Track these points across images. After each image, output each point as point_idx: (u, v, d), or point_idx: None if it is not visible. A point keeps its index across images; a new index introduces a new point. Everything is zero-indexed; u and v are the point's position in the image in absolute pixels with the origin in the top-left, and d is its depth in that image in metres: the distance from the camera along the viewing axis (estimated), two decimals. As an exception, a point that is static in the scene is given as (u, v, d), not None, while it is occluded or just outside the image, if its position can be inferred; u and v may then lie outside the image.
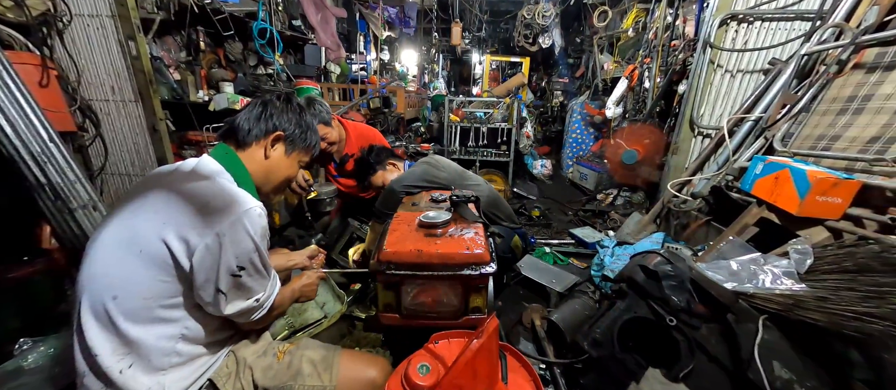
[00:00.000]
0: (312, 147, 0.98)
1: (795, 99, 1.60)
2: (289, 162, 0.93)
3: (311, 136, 0.96)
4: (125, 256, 0.68)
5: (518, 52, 5.98)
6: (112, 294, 0.68)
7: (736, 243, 1.29)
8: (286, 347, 0.88)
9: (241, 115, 0.89)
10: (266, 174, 0.89)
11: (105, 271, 0.69)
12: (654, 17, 3.37)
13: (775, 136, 1.60)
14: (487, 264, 0.89)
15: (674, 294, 1.04)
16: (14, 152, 1.54)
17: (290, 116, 0.91)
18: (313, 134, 0.97)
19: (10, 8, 1.70)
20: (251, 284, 0.76)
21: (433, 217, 1.01)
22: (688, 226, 1.94)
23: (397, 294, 0.90)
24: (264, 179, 0.90)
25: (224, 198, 0.73)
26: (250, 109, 0.90)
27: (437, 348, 0.80)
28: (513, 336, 1.60)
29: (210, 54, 2.93)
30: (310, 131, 0.95)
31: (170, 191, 0.73)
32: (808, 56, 1.65)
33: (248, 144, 0.86)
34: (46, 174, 1.60)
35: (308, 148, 0.96)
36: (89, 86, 2.00)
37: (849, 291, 0.87)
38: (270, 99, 0.92)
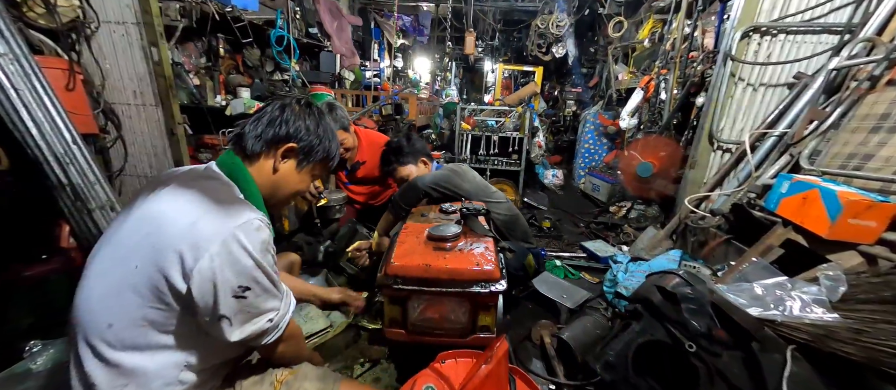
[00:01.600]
0: (331, 159, 0.89)
1: (824, 115, 1.53)
2: (300, 176, 0.86)
3: (329, 146, 0.87)
4: (120, 281, 0.65)
5: (531, 62, 5.97)
6: (107, 322, 0.65)
7: (759, 265, 1.23)
8: (284, 376, 0.83)
9: (251, 121, 0.81)
10: (273, 188, 0.83)
11: (100, 296, 0.66)
12: (671, 28, 3.31)
13: (802, 153, 1.53)
14: (497, 281, 0.86)
15: (693, 318, 0.99)
16: (39, 153, 1.58)
17: (308, 124, 0.82)
18: (332, 143, 0.88)
19: (41, 14, 1.77)
20: (259, 304, 0.70)
21: (442, 230, 0.99)
22: (706, 243, 1.87)
23: (404, 309, 0.88)
24: (271, 193, 0.84)
25: (216, 213, 0.66)
26: (262, 114, 0.82)
27: (444, 368, 0.78)
28: (521, 352, 1.56)
29: (229, 60, 3.00)
30: (328, 140, 0.86)
31: (165, 205, 0.68)
32: (837, 71, 1.58)
33: (257, 155, 0.80)
34: (68, 175, 1.65)
35: (325, 160, 0.88)
36: (113, 90, 2.06)
37: (887, 324, 0.81)
38: (289, 102, 0.84)
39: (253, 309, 0.69)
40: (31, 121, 1.55)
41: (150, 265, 0.63)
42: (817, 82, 1.65)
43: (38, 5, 1.73)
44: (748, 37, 2.00)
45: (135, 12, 1.97)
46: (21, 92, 1.53)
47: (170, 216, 0.66)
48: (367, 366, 1.31)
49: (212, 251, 0.62)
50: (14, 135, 1.54)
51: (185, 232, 0.64)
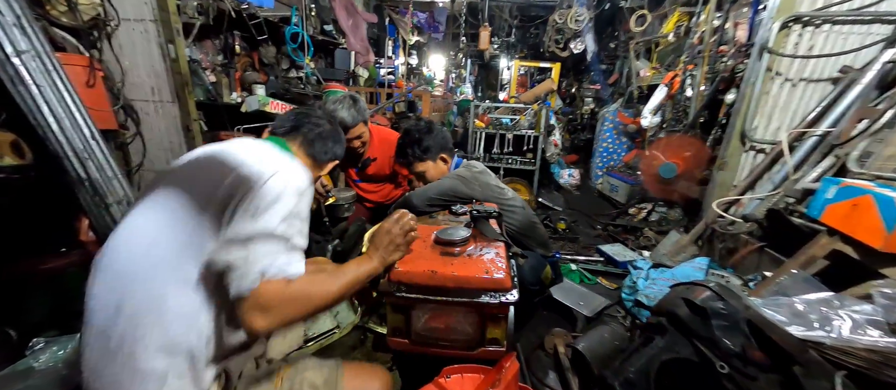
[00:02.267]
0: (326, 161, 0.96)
1: (876, 113, 1.39)
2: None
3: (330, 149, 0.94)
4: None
5: (548, 58, 5.82)
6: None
7: (800, 277, 1.12)
8: (284, 370, 0.81)
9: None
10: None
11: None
12: (699, 21, 3.14)
13: (850, 155, 1.39)
14: (508, 291, 0.80)
15: (725, 336, 0.90)
16: (59, 148, 1.61)
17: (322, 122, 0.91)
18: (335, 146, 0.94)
19: (64, 12, 1.80)
20: (294, 238, 0.69)
21: (451, 233, 0.94)
22: (736, 250, 1.74)
23: (407, 318, 0.83)
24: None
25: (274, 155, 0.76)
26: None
27: (449, 383, 0.72)
28: (533, 361, 1.49)
29: (245, 57, 3.03)
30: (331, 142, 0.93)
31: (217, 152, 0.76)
32: (892, 63, 1.43)
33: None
34: (87, 170, 1.67)
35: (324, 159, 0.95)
36: (132, 86, 2.09)
37: None
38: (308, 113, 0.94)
39: (286, 238, 0.67)
40: (52, 117, 1.58)
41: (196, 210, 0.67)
42: (868, 76, 1.50)
43: (61, 3, 1.77)
44: (788, 27, 1.85)
45: (153, 10, 1.99)
46: (43, 88, 1.56)
47: (229, 154, 0.74)
48: (373, 371, 1.27)
49: (281, 170, 0.70)
50: (36, 131, 1.57)
51: (249, 161, 0.71)
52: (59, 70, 1.61)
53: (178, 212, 0.67)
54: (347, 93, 1.77)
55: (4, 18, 1.48)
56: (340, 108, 1.64)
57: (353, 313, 1.55)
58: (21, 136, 1.62)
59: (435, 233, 0.96)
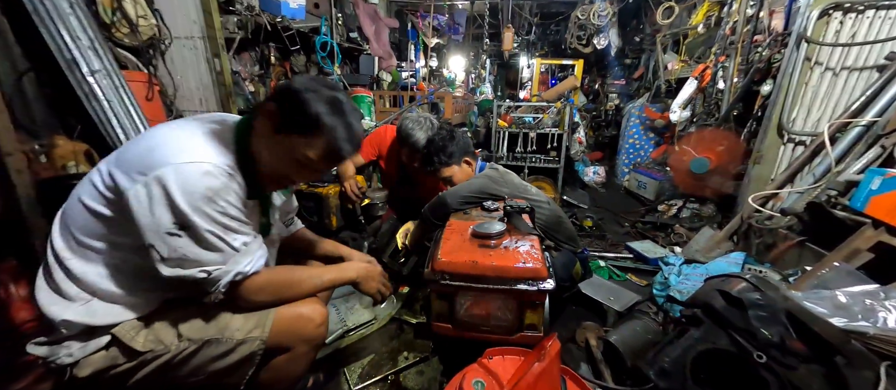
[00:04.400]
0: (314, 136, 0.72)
1: None
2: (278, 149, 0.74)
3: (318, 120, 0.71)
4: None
5: (570, 55, 5.76)
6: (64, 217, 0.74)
7: (843, 270, 1.10)
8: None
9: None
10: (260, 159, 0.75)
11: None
12: (731, 10, 3.04)
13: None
14: (544, 280, 0.85)
15: (763, 326, 0.91)
16: (125, 157, 1.79)
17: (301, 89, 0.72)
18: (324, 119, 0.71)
19: (126, 34, 2.00)
20: (189, 252, 0.66)
21: (487, 227, 0.99)
22: (774, 245, 1.69)
23: (451, 304, 0.89)
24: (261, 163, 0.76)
25: (175, 147, 0.66)
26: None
27: (491, 364, 0.78)
28: (564, 353, 1.51)
29: (278, 67, 3.21)
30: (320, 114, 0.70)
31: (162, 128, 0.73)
32: None
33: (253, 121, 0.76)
34: (148, 176, 1.84)
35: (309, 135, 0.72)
36: (182, 98, 2.28)
37: None
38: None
39: (182, 254, 0.66)
40: (120, 129, 1.76)
41: (97, 173, 0.70)
42: None
43: (124, 25, 1.96)
44: (828, 15, 1.78)
45: (201, 27, 2.17)
46: (112, 103, 1.74)
47: (150, 136, 0.71)
48: (412, 360, 1.34)
49: (148, 179, 0.63)
50: (106, 141, 1.76)
51: (144, 153, 0.66)
52: (125, 86, 1.79)
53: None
54: (428, 116, 1.82)
55: (81, 42, 1.66)
56: (418, 129, 1.72)
57: (389, 306, 1.64)
58: (93, 146, 1.81)
59: (472, 227, 1.02)
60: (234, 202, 0.70)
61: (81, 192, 0.72)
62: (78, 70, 1.65)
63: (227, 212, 0.69)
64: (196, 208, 0.64)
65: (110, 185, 0.67)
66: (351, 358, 1.38)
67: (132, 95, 1.82)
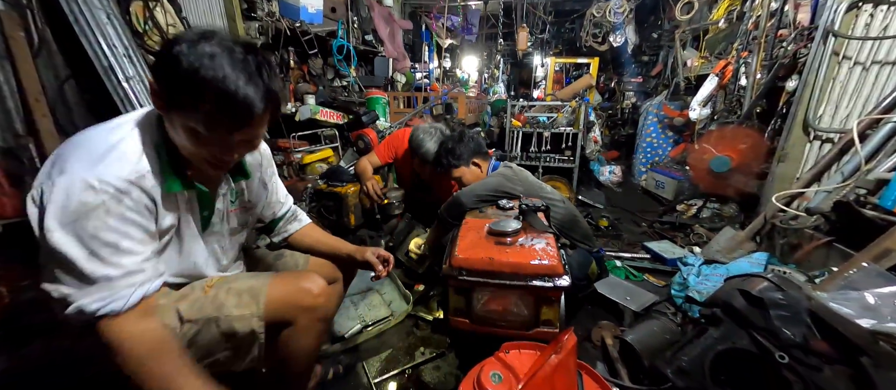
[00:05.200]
0: (199, 107, 0.59)
1: None
2: (175, 127, 0.64)
3: (194, 84, 0.58)
4: None
5: (585, 53, 5.69)
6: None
7: (871, 271, 1.07)
8: (214, 280, 0.84)
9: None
10: (172, 138, 0.68)
11: None
12: (754, 5, 2.95)
13: (932, 142, 1.28)
14: (560, 276, 0.86)
15: (785, 326, 0.89)
16: (157, 158, 1.89)
17: (174, 50, 0.59)
18: (199, 81, 0.58)
19: (157, 41, 2.11)
20: (52, 267, 0.60)
21: (503, 225, 1.01)
22: (799, 246, 1.64)
23: (468, 300, 0.92)
24: (176, 143, 0.68)
25: (76, 153, 0.62)
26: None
27: (508, 358, 0.80)
28: (580, 352, 1.51)
29: (296, 70, 3.31)
30: (194, 74, 0.57)
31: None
32: None
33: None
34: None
35: (192, 105, 0.60)
36: (208, 102, 2.38)
37: None
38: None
39: (47, 267, 0.61)
40: (152, 132, 1.85)
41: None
42: None
43: (155, 33, 2.07)
44: (857, 8, 1.71)
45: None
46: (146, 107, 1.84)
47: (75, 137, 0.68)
48: (429, 355, 1.37)
49: (39, 183, 0.62)
50: (140, 143, 1.86)
51: (56, 156, 0.64)
52: (157, 91, 1.89)
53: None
54: (440, 126, 1.88)
55: (117, 50, 1.77)
56: (429, 140, 1.77)
57: (405, 303, 1.67)
58: (128, 148, 1.91)
59: (488, 224, 1.04)
60: (112, 223, 0.62)
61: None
62: (114, 76, 1.76)
63: (96, 235, 0.60)
64: (63, 225, 0.59)
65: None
66: (369, 353, 1.42)
67: (163, 101, 1.91)
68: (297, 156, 2.69)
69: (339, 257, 1.09)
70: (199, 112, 0.60)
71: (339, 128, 3.05)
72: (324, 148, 2.86)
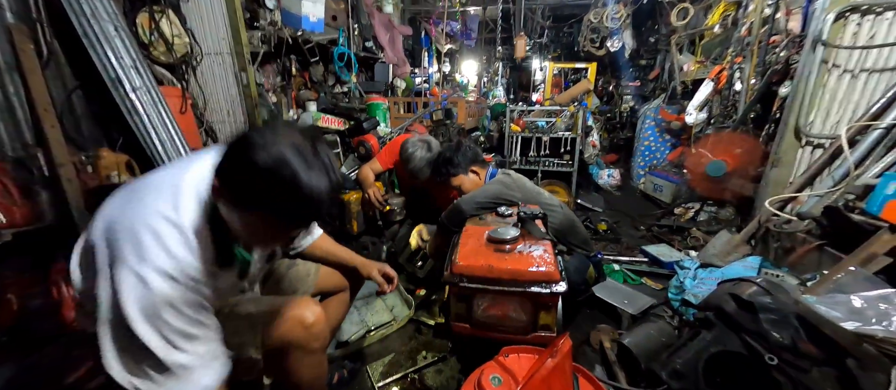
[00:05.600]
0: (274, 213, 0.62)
1: None
2: (243, 222, 0.65)
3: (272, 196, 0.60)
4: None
5: (583, 57, 5.75)
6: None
7: (859, 275, 1.10)
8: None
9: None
10: (231, 226, 0.67)
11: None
12: (747, 11, 3.00)
13: (916, 149, 1.32)
14: (557, 283, 0.90)
15: (774, 329, 0.93)
16: (163, 166, 1.93)
17: (244, 157, 0.60)
18: (277, 194, 0.59)
19: (162, 52, 2.15)
20: (130, 355, 0.63)
21: (502, 233, 1.05)
22: (792, 250, 1.68)
23: (468, 305, 0.95)
24: (234, 231, 0.68)
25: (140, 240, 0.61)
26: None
27: (508, 361, 0.83)
28: (579, 356, 1.55)
29: (299, 78, 3.36)
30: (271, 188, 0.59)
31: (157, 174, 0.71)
32: None
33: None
34: (183, 184, 1.97)
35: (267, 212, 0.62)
36: (212, 110, 2.43)
37: None
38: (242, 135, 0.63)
39: (130, 356, 0.63)
40: (158, 140, 1.89)
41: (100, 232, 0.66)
42: None
43: (160, 45, 2.11)
44: (845, 17, 1.76)
45: (228, 44, 2.31)
46: (151, 117, 1.88)
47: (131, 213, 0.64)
48: (432, 359, 1.41)
49: (113, 272, 0.61)
50: (146, 152, 1.90)
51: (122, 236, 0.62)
52: (162, 101, 1.93)
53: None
54: (428, 138, 1.91)
55: (125, 62, 1.81)
56: (418, 153, 1.82)
57: (407, 308, 1.71)
58: (133, 157, 1.95)
59: (487, 232, 1.07)
60: (189, 313, 0.65)
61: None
62: (122, 87, 1.80)
63: (177, 326, 0.63)
64: (146, 316, 0.60)
65: (88, 248, 0.66)
66: (373, 357, 1.45)
67: (168, 109, 1.95)
68: (299, 163, 2.73)
69: (347, 268, 1.13)
70: (271, 215, 0.63)
71: (341, 134, 3.09)
72: (325, 154, 2.90)
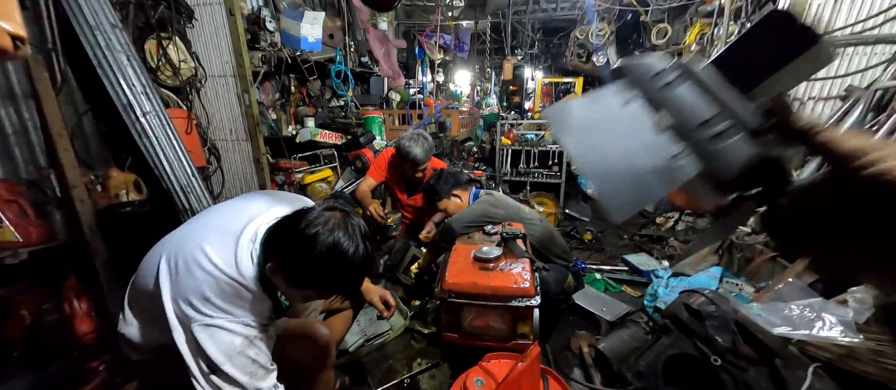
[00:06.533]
0: (326, 291, 0.85)
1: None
2: (296, 293, 0.83)
3: (325, 281, 0.78)
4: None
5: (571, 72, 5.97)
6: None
7: (796, 285, 1.27)
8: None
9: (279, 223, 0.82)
10: (282, 291, 0.85)
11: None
12: (719, 33, 3.22)
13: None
14: (532, 297, 1.05)
15: (717, 334, 1.08)
16: (170, 185, 2.04)
17: (299, 250, 0.74)
18: (329, 280, 0.78)
19: (169, 76, 2.27)
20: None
21: (486, 252, 1.19)
22: (752, 259, 1.86)
23: (456, 318, 1.09)
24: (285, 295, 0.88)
25: (211, 303, 0.74)
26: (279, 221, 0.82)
27: (490, 366, 0.97)
28: (560, 360, 1.69)
29: (297, 94, 3.49)
30: (325, 276, 0.76)
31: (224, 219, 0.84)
32: (883, 90, 1.53)
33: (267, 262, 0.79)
34: (189, 201, 2.09)
35: (320, 290, 0.83)
36: (215, 130, 2.54)
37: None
38: (305, 217, 0.76)
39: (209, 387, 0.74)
40: (166, 161, 2.01)
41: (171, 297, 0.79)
42: (863, 101, 1.60)
43: (167, 69, 2.23)
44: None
45: (232, 66, 2.44)
46: (160, 139, 2.00)
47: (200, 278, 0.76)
48: (425, 366, 1.54)
49: (193, 326, 0.74)
50: (154, 172, 2.01)
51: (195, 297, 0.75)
52: (170, 124, 2.05)
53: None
54: (419, 130, 2.08)
55: (136, 88, 1.93)
56: (415, 146, 1.97)
57: (402, 318, 1.84)
58: (140, 177, 2.06)
59: (474, 251, 1.22)
60: (263, 348, 0.79)
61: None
62: (132, 112, 1.91)
63: (256, 359, 0.77)
64: (229, 358, 0.74)
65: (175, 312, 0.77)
66: (371, 364, 1.58)
67: (175, 131, 2.07)
68: (298, 176, 2.86)
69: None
70: (322, 290, 0.83)
71: (338, 148, 3.22)
72: (323, 168, 3.03)
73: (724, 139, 0.24)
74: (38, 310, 1.71)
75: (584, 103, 0.30)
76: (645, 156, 0.27)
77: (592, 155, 0.28)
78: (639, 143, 0.27)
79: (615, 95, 0.29)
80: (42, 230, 1.69)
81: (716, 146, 0.24)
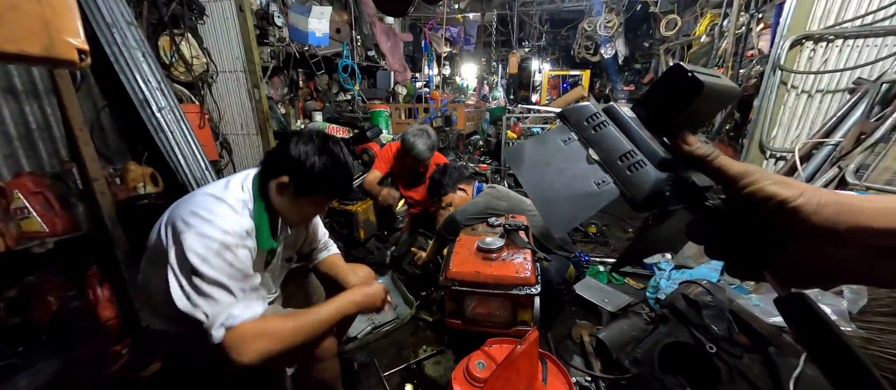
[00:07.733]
0: (327, 193, 0.94)
1: (871, 127, 1.49)
2: (299, 206, 0.92)
3: (326, 182, 0.90)
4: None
5: (578, 63, 5.93)
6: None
7: (794, 277, 1.29)
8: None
9: (272, 151, 0.95)
10: (283, 213, 0.95)
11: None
12: (728, 25, 3.18)
13: (848, 167, 1.50)
14: (533, 286, 1.09)
15: (713, 323, 1.12)
16: (185, 178, 2.12)
17: (303, 159, 0.86)
18: (329, 179, 0.90)
19: (182, 72, 2.33)
20: (196, 297, 0.79)
21: (489, 243, 1.24)
22: (754, 253, 1.87)
23: (460, 305, 1.14)
24: (285, 216, 0.97)
25: (194, 213, 0.82)
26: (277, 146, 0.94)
27: (491, 350, 1.02)
28: (562, 348, 1.74)
29: (305, 88, 3.54)
30: (325, 176, 0.89)
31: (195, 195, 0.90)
32: (890, 83, 1.52)
33: (267, 182, 0.90)
34: (203, 194, 2.16)
35: (322, 194, 0.93)
36: (227, 124, 2.61)
37: (893, 334, 0.88)
38: (298, 138, 0.89)
39: (194, 294, 0.80)
40: (180, 155, 2.08)
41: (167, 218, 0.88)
42: (871, 93, 1.59)
43: (180, 65, 2.30)
44: (800, 44, 1.94)
45: (242, 62, 2.49)
46: (175, 134, 2.06)
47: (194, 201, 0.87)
48: (431, 352, 1.60)
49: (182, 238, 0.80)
50: (169, 165, 2.08)
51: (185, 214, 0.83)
52: (184, 118, 2.12)
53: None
54: (424, 126, 2.12)
55: (151, 84, 1.99)
56: (419, 142, 2.02)
57: (409, 307, 1.90)
58: (157, 170, 2.13)
59: (477, 242, 1.26)
60: (240, 259, 0.84)
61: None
62: (148, 108, 1.98)
63: (234, 264, 0.83)
64: (205, 259, 0.79)
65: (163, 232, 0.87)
66: (379, 351, 1.65)
67: (189, 125, 2.14)
68: (306, 171, 2.92)
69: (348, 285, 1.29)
70: (325, 195, 0.95)
71: (346, 142, 3.27)
72: (331, 162, 3.08)
73: (637, 168, 0.32)
74: (64, 297, 1.80)
75: (535, 143, 0.39)
76: (579, 183, 0.35)
77: (540, 184, 0.37)
78: (575, 174, 0.35)
79: (559, 135, 0.37)
80: (66, 221, 1.77)
81: (630, 174, 0.31)
